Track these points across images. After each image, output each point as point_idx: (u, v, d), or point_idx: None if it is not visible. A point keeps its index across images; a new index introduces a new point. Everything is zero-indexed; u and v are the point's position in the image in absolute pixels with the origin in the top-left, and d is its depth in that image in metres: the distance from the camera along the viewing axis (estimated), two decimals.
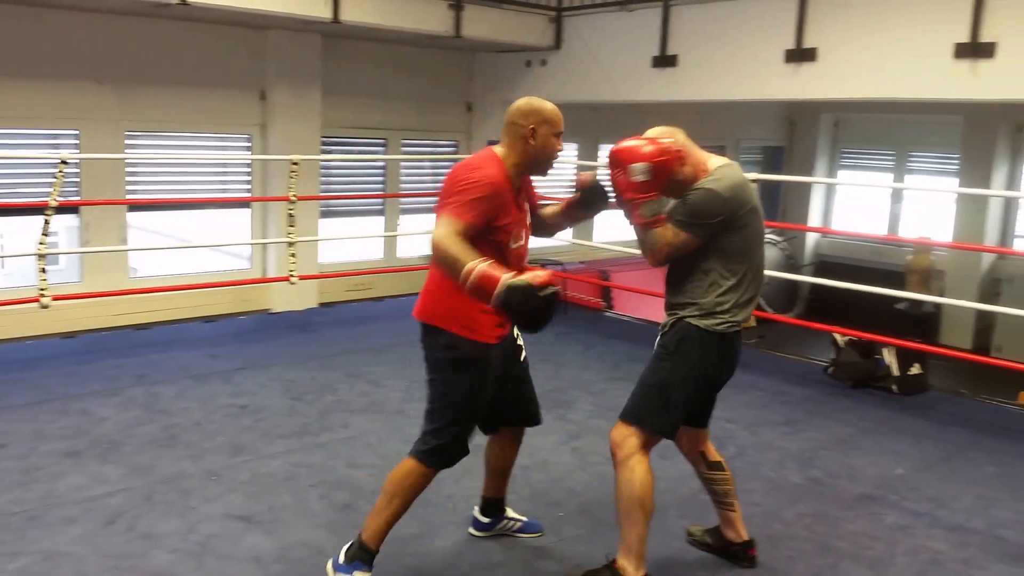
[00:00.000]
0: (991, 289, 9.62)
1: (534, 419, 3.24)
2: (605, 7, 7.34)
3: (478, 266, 2.52)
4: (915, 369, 5.34)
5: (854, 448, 4.42)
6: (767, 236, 12.12)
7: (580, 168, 9.66)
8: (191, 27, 6.69)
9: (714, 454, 3.19)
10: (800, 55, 5.99)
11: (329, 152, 7.75)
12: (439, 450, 2.90)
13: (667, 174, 2.81)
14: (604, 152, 9.98)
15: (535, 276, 2.48)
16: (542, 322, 2.51)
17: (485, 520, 3.32)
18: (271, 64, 7.08)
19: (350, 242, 8.01)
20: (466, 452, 2.97)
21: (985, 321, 9.37)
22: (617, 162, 2.86)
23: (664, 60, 6.84)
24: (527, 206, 3.04)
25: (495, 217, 2.76)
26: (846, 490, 3.89)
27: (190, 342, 5.97)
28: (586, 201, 3.20)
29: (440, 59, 8.25)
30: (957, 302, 7.84)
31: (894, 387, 5.30)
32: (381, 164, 8.18)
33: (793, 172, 11.34)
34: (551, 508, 3.56)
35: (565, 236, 9.52)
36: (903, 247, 9.90)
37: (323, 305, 7.40)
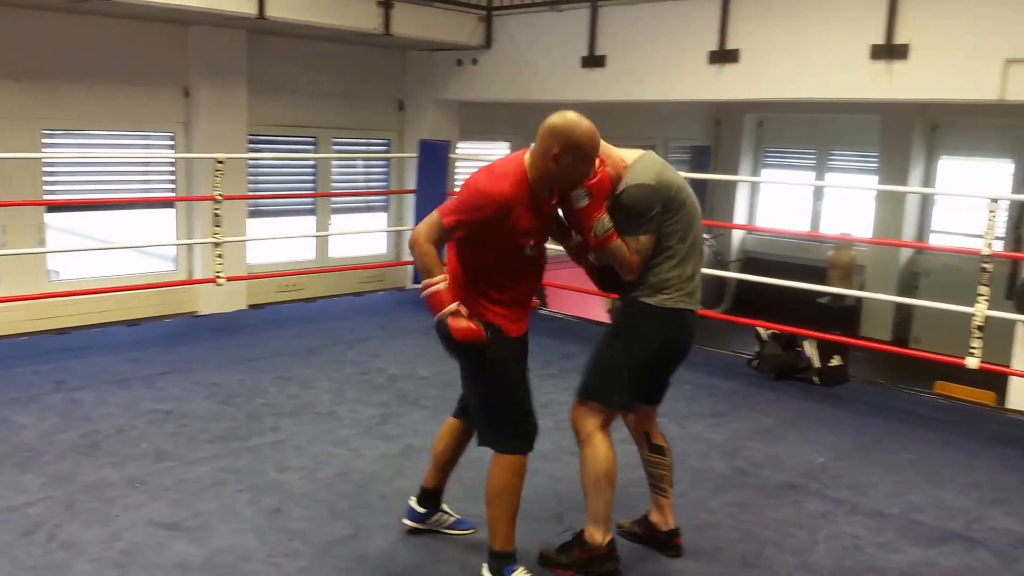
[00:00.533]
0: (909, 282, 10.02)
1: None
2: (534, 7, 7.39)
3: (438, 284, 2.74)
4: (835, 360, 5.53)
5: (778, 438, 4.55)
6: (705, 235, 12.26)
7: None
8: (111, 23, 6.49)
9: (658, 437, 3.27)
10: (723, 56, 6.13)
11: (257, 151, 7.62)
12: (510, 433, 2.95)
13: (605, 189, 2.85)
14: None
15: (457, 324, 2.74)
16: (448, 350, 2.87)
17: (421, 511, 3.31)
18: (194, 60, 6.92)
19: (280, 242, 7.88)
20: (536, 426, 3.02)
21: (904, 313, 9.75)
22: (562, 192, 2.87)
23: (592, 60, 6.92)
24: (558, 212, 3.01)
25: (500, 226, 2.75)
26: (770, 479, 4.00)
27: (112, 346, 5.79)
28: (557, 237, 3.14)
29: (371, 57, 8.18)
30: (877, 296, 8.14)
31: (815, 378, 5.48)
32: (311, 163, 8.08)
33: (719, 171, 11.61)
34: (483, 505, 3.55)
35: None
36: (825, 243, 10.20)
37: (252, 307, 7.26)
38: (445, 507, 3.37)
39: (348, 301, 7.63)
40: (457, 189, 2.76)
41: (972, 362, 4.88)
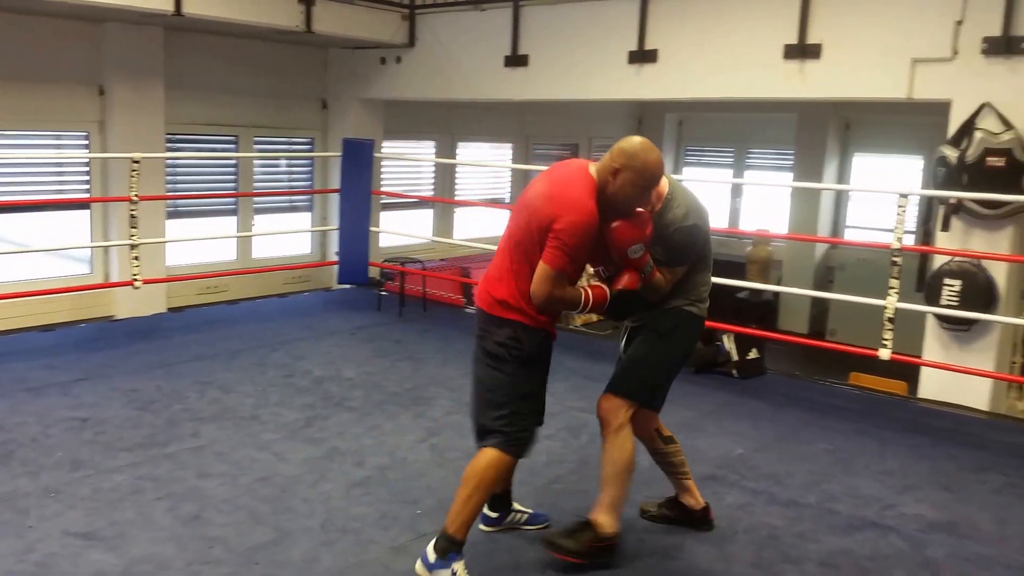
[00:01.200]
0: (825, 277, 10.35)
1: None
2: (457, 6, 7.37)
3: (587, 293, 2.93)
4: (752, 354, 5.68)
5: (697, 431, 4.65)
6: None
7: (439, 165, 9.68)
8: (22, 19, 6.23)
9: (666, 429, 3.42)
10: (642, 56, 6.22)
11: (175, 150, 7.41)
12: (518, 437, 2.99)
13: (651, 228, 2.97)
14: (462, 151, 10.03)
15: (628, 280, 2.94)
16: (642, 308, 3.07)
17: (494, 515, 3.36)
18: (109, 58, 6.68)
19: (201, 243, 7.68)
20: (534, 440, 3.09)
21: (820, 307, 10.07)
22: (617, 246, 2.93)
23: (516, 60, 6.94)
24: None
25: (593, 243, 2.90)
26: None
27: (25, 352, 5.57)
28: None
29: (293, 54, 8.04)
30: (793, 290, 8.38)
31: (734, 371, 5.62)
32: (232, 162, 7.89)
33: None
34: (409, 506, 3.55)
35: (425, 233, 9.53)
36: (743, 239, 10.47)
37: (172, 310, 7.06)
38: (517, 505, 3.41)
39: (272, 302, 7.50)
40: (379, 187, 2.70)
41: (884, 353, 5.07)
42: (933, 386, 5.34)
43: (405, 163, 9.43)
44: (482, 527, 3.35)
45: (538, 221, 2.82)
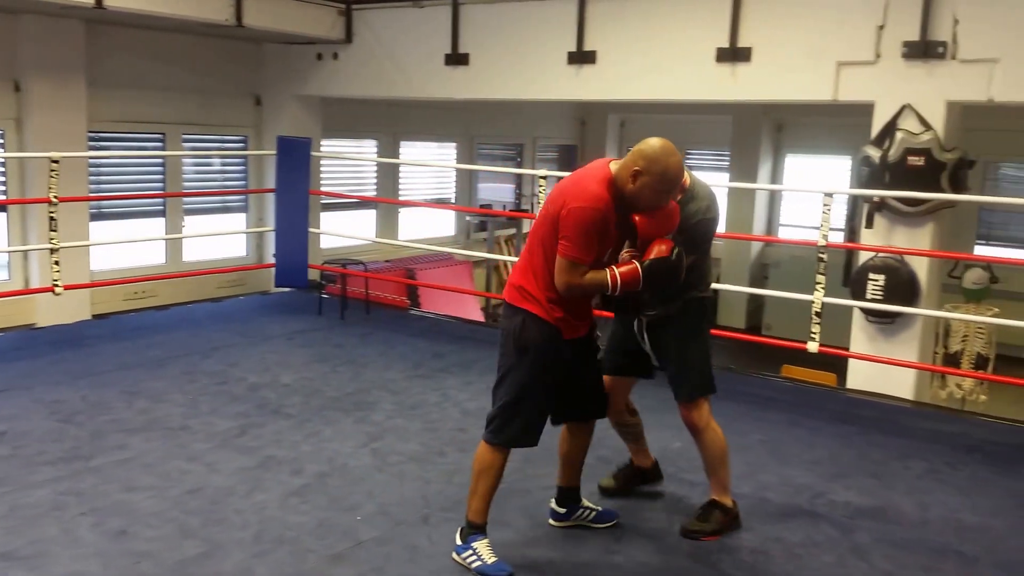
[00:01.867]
0: (760, 274, 10.59)
1: (601, 412, 3.38)
2: (395, 2, 7.29)
3: (615, 273, 2.92)
4: None
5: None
6: None
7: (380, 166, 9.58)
8: None
9: (632, 404, 3.70)
10: (581, 57, 6.26)
11: (99, 148, 7.17)
12: (501, 428, 3.05)
13: (678, 220, 3.09)
14: (405, 150, 9.95)
15: (659, 248, 2.93)
16: (679, 277, 3.00)
17: (561, 510, 3.42)
18: (26, 52, 6.43)
19: (128, 247, 7.45)
20: (532, 438, 3.12)
21: (756, 303, 10.30)
22: (641, 239, 3.03)
23: (456, 58, 6.91)
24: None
25: (604, 233, 2.94)
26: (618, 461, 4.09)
27: None
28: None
29: (224, 49, 7.85)
30: (731, 287, 8.55)
31: None
32: (160, 161, 7.68)
33: None
34: (348, 513, 3.49)
35: (368, 234, 9.43)
36: None
37: (97, 317, 6.83)
38: (586, 502, 3.45)
39: (205, 307, 7.30)
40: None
41: (812, 346, 5.21)
42: (860, 377, 5.51)
43: (347, 162, 9.31)
44: (551, 522, 3.44)
45: (552, 212, 2.93)
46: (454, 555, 3.14)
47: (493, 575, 3.03)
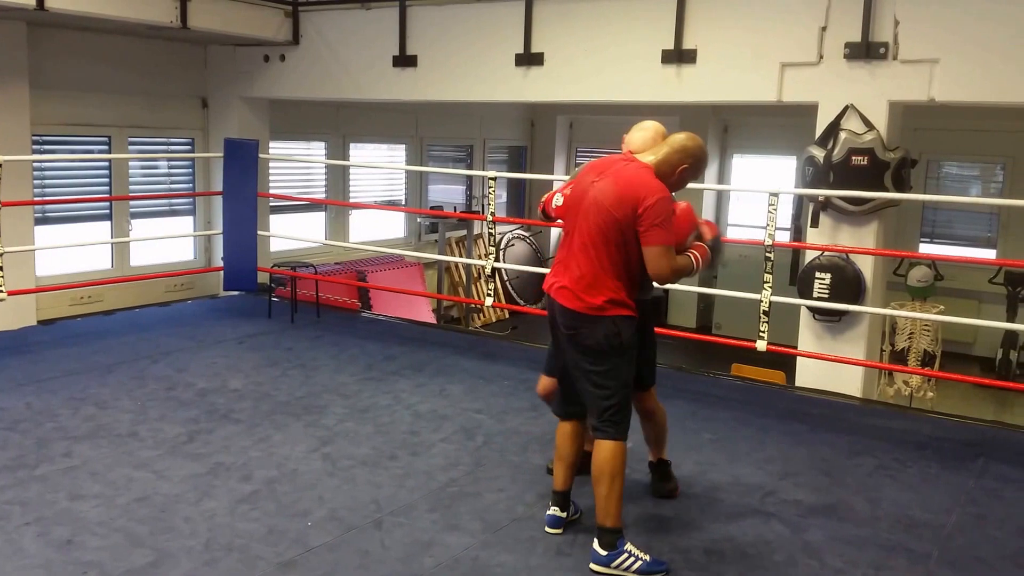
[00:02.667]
0: (709, 273, 10.71)
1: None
2: (342, 4, 7.24)
3: (695, 254, 3.24)
4: None
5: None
6: (518, 232, 12.60)
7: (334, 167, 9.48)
8: None
9: None
10: (528, 59, 6.27)
11: (43, 152, 6.99)
12: (621, 422, 3.23)
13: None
14: (355, 152, 9.88)
15: (710, 229, 3.37)
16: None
17: (563, 515, 3.46)
18: None
19: (74, 251, 7.27)
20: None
21: (706, 302, 10.43)
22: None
23: (404, 60, 6.88)
24: None
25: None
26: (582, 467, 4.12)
27: None
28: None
29: (169, 51, 7.71)
30: (681, 287, 8.60)
31: None
32: (105, 164, 7.51)
33: (535, 171, 11.92)
34: (299, 519, 3.45)
35: (318, 237, 9.33)
36: None
37: (43, 323, 6.66)
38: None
39: (153, 312, 7.17)
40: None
41: (761, 345, 5.29)
42: (809, 375, 5.60)
43: (296, 165, 9.21)
44: (548, 529, 3.44)
45: (623, 214, 3.08)
46: (600, 567, 3.13)
47: (657, 571, 3.15)
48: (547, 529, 3.43)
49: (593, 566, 3.15)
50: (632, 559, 3.12)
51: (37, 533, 3.25)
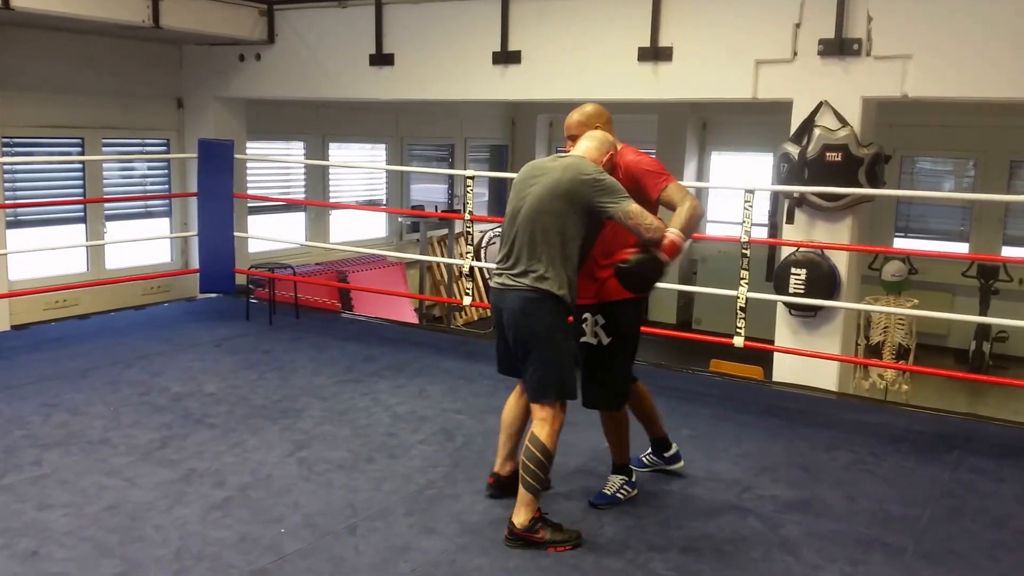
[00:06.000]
0: (689, 270, 10.76)
1: None
2: (318, 2, 7.18)
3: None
4: None
5: (570, 425, 4.55)
6: (499, 230, 12.61)
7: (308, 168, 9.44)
8: None
9: None
10: (506, 58, 6.26)
11: (13, 154, 6.89)
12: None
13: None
14: (334, 152, 9.82)
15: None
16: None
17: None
18: None
19: (47, 255, 7.17)
20: None
21: (686, 298, 10.46)
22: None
23: (381, 59, 6.84)
24: None
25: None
26: (562, 466, 4.06)
27: None
28: None
29: (143, 51, 7.63)
30: (661, 284, 8.61)
31: None
32: (78, 166, 7.42)
33: (516, 169, 11.85)
34: (272, 526, 3.41)
35: (298, 237, 9.27)
36: None
37: (16, 327, 6.57)
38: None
39: (128, 315, 7.09)
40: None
41: (738, 341, 5.31)
42: (786, 370, 5.63)
43: (274, 165, 9.14)
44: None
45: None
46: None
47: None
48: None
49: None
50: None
51: (1, 545, 3.19)
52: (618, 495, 3.74)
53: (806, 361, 5.45)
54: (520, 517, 3.29)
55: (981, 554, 3.39)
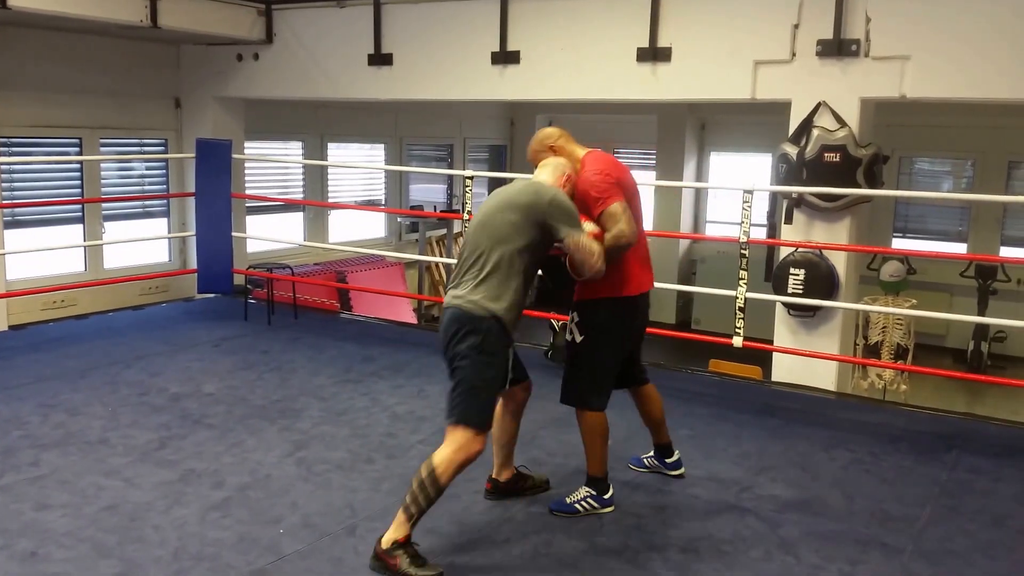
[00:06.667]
0: (688, 269, 10.77)
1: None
2: (316, 2, 7.18)
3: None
4: None
5: (571, 426, 4.61)
6: None
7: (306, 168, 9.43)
8: None
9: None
10: (505, 58, 6.25)
11: (9, 155, 6.88)
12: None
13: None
14: (333, 152, 9.81)
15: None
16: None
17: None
18: None
19: (45, 255, 7.16)
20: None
21: (685, 298, 10.47)
22: None
23: (379, 58, 6.84)
24: None
25: None
26: (563, 466, 4.11)
27: None
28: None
29: (141, 51, 7.62)
30: (659, 284, 8.62)
31: None
32: (76, 166, 7.41)
33: (515, 169, 11.87)
34: (271, 526, 3.41)
35: (296, 238, 9.26)
36: None
37: (14, 328, 6.56)
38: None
39: (126, 316, 7.08)
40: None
41: (737, 341, 5.31)
42: (784, 370, 5.63)
43: (273, 165, 9.13)
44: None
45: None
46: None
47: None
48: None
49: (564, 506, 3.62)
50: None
51: (0, 546, 3.19)
52: (577, 506, 3.59)
53: (805, 361, 5.46)
54: (387, 535, 3.04)
55: (979, 554, 3.39)
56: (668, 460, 4.04)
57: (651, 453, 4.08)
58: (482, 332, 3.08)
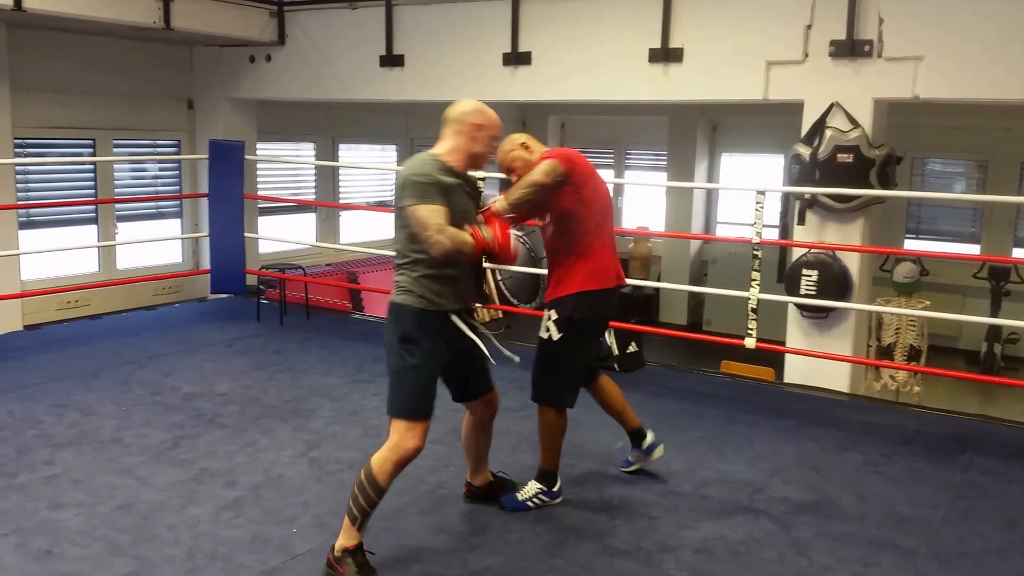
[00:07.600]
0: (700, 271, 10.74)
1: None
2: (328, 4, 7.21)
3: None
4: (632, 347, 5.81)
5: (579, 426, 4.64)
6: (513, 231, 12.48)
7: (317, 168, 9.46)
8: None
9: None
10: (516, 59, 6.26)
11: (26, 155, 6.94)
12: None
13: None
14: (344, 153, 9.84)
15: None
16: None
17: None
18: None
19: (60, 255, 7.22)
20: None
21: (696, 299, 10.44)
22: None
23: (391, 60, 6.85)
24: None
25: None
26: (573, 468, 4.08)
27: None
28: None
29: (154, 52, 7.67)
30: (670, 285, 8.63)
31: (615, 366, 5.73)
32: (90, 167, 7.46)
33: None
34: (283, 526, 3.42)
35: (308, 238, 9.29)
36: (625, 237, 10.73)
37: (29, 327, 6.61)
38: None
39: (140, 316, 7.12)
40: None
41: (749, 342, 5.29)
42: (797, 371, 5.61)
43: (285, 166, 9.17)
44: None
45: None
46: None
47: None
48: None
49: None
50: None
51: (15, 544, 3.21)
52: (528, 503, 3.61)
53: (817, 362, 5.43)
54: (338, 542, 3.01)
55: (992, 555, 3.37)
56: (643, 445, 3.96)
57: (630, 448, 4.03)
58: (398, 321, 3.08)
